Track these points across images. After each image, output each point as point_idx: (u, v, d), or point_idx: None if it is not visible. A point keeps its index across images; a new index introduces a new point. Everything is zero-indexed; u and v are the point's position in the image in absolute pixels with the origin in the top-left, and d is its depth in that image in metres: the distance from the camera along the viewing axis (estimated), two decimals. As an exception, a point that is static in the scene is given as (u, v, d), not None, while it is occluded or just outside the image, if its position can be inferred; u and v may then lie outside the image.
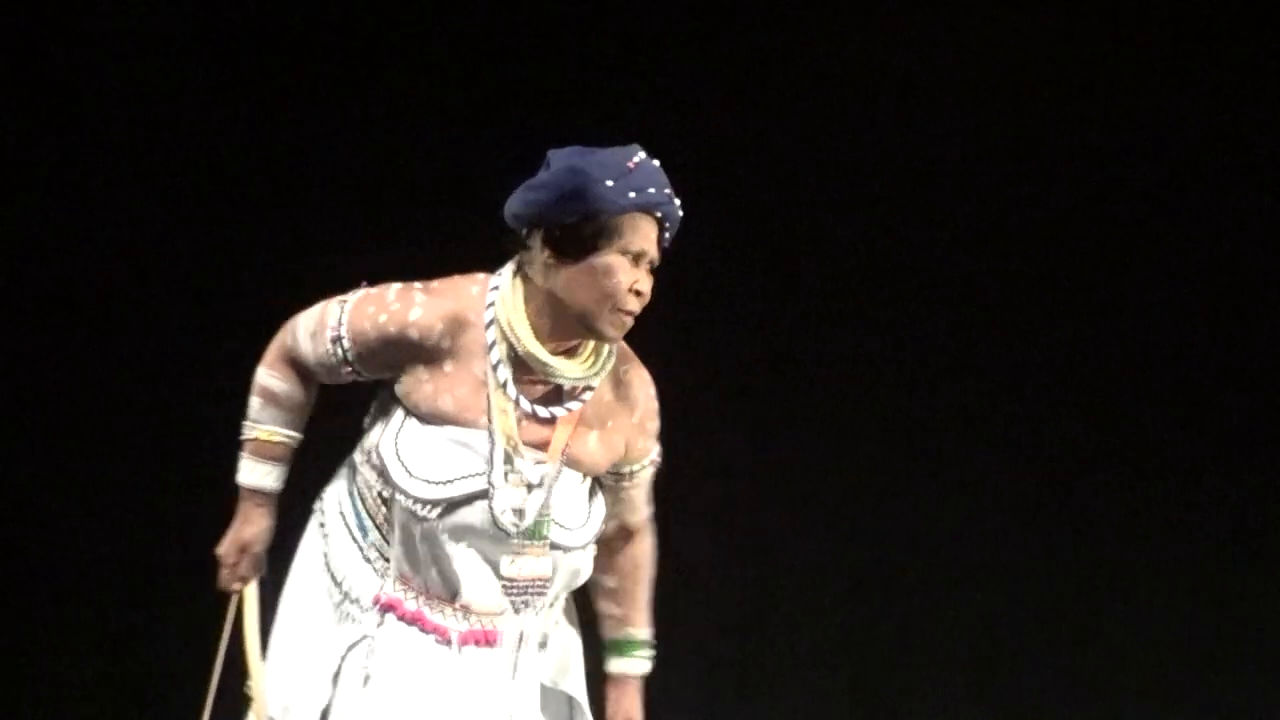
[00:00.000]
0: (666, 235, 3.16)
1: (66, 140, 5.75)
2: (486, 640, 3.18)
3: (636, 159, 3.10)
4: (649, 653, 3.42)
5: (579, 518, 3.22)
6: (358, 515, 3.22)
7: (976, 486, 5.79)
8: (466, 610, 3.17)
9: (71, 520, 5.64)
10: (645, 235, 3.11)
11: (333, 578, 3.23)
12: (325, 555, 3.24)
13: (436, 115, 5.75)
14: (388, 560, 3.19)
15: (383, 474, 3.15)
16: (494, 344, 3.12)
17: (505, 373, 3.12)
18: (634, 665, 3.42)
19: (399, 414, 3.17)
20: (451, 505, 3.12)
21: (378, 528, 3.20)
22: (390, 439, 3.15)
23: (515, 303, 3.12)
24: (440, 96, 5.79)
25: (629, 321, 3.14)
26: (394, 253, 3.65)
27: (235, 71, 5.78)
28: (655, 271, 3.16)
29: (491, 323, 3.13)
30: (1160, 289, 5.86)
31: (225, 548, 3.28)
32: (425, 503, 3.12)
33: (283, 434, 3.25)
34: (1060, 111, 5.85)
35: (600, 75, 5.67)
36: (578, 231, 3.07)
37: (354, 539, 3.22)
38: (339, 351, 3.17)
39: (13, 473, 5.68)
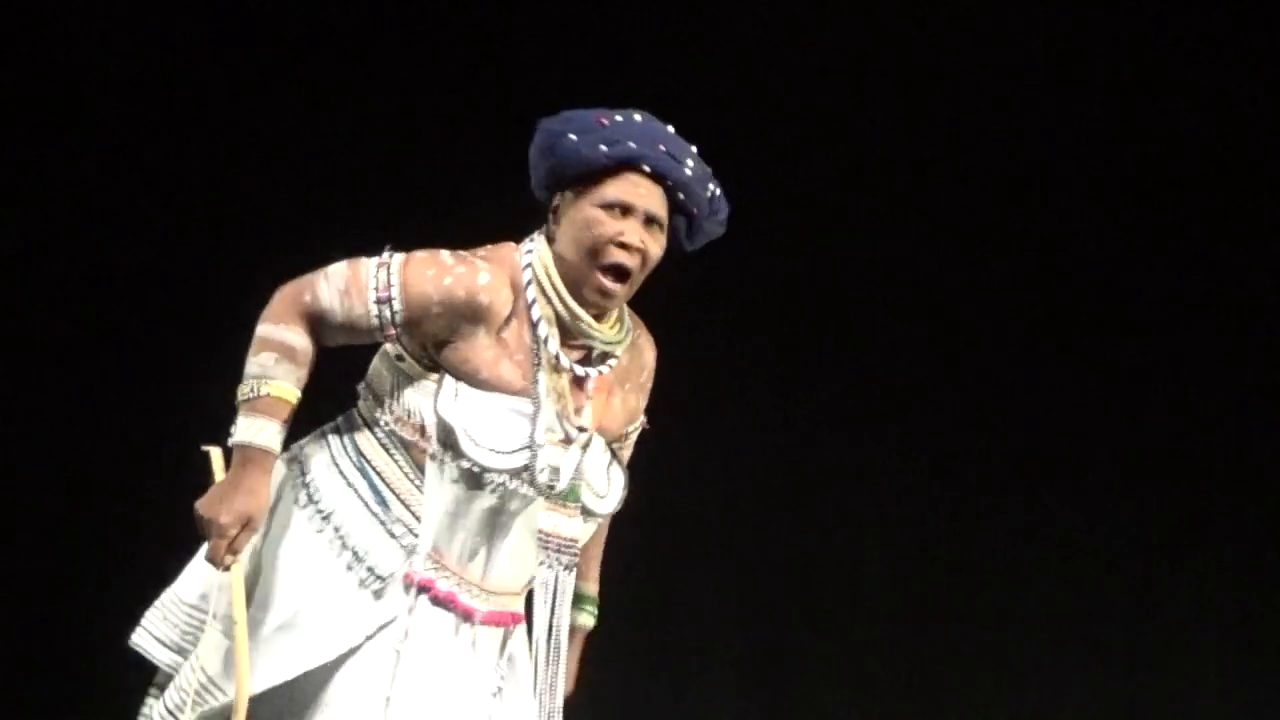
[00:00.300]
0: (684, 199, 3.16)
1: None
2: (498, 621, 3.18)
3: (618, 116, 3.13)
4: (595, 609, 3.44)
5: (605, 484, 3.21)
6: (374, 489, 3.12)
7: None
8: (489, 591, 3.15)
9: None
10: (630, 189, 3.11)
11: (355, 554, 3.09)
12: (338, 530, 3.10)
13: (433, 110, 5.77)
14: (415, 535, 3.11)
15: (446, 444, 3.07)
16: (535, 302, 3.11)
17: (546, 330, 3.12)
18: (583, 619, 3.41)
19: (447, 382, 3.10)
20: (515, 474, 3.09)
21: (401, 501, 3.12)
22: (449, 408, 3.07)
23: (549, 265, 3.12)
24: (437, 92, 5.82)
25: (616, 289, 3.13)
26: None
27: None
28: (675, 235, 3.20)
29: (530, 282, 3.12)
30: (1038, 287, 5.91)
31: (226, 516, 2.98)
32: (494, 471, 3.08)
33: (295, 392, 3.06)
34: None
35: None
36: (567, 191, 3.12)
37: (373, 513, 3.11)
38: (385, 313, 3.07)
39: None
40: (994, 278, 5.91)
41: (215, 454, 3.05)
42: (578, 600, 3.31)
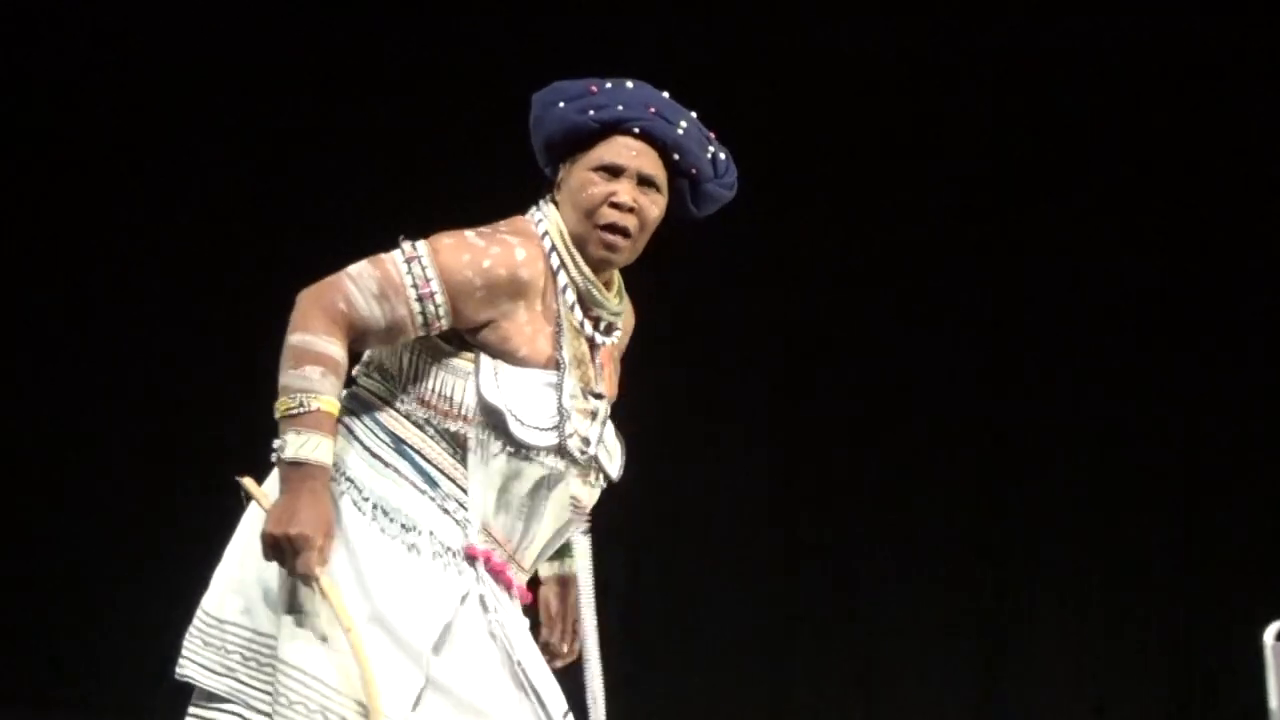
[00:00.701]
0: (679, 159, 3.16)
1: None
2: (524, 598, 3.16)
3: (608, 83, 3.15)
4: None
5: (616, 450, 3.21)
6: (418, 468, 3.06)
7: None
8: (521, 567, 3.14)
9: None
10: (621, 150, 3.12)
11: (418, 532, 3.03)
12: (391, 516, 3.02)
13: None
14: (465, 509, 3.06)
15: (490, 425, 3.03)
16: (560, 268, 3.11)
17: (572, 297, 3.13)
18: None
19: (485, 362, 3.05)
20: (553, 450, 3.07)
21: (448, 477, 3.07)
22: (491, 390, 3.03)
23: (564, 231, 3.13)
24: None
25: (618, 241, 3.13)
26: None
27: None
28: (678, 198, 3.19)
29: (552, 250, 3.12)
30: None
31: (307, 528, 2.91)
32: (538, 449, 3.06)
33: (339, 405, 2.99)
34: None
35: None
36: (566, 160, 3.14)
37: (422, 491, 3.05)
38: (430, 308, 3.00)
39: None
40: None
41: (248, 482, 2.99)
42: (569, 549, 3.29)
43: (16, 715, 5.78)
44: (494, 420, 3.03)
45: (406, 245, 3.03)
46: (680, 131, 3.14)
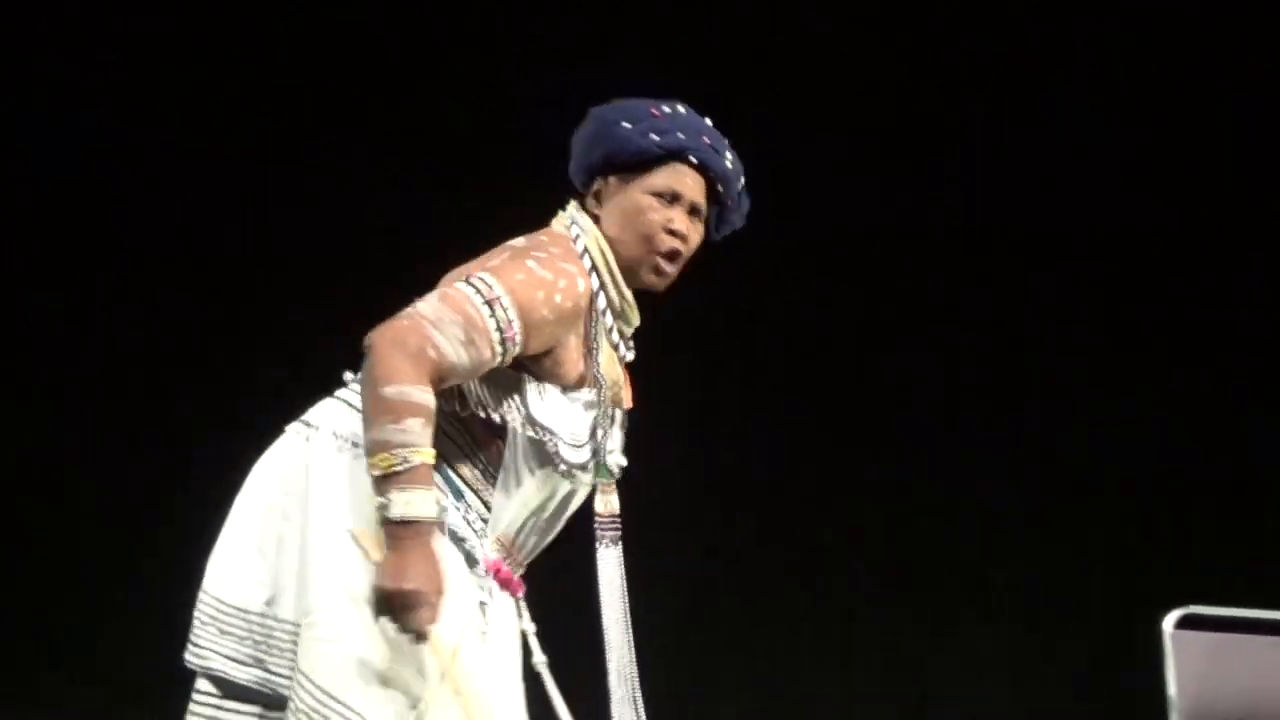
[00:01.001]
0: (721, 190, 3.22)
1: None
2: (519, 588, 3.18)
3: (666, 108, 3.19)
4: None
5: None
6: (450, 482, 3.05)
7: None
8: (520, 562, 3.16)
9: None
10: (678, 179, 3.17)
11: (467, 554, 3.05)
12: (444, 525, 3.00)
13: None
14: (485, 522, 3.07)
15: (536, 444, 3.05)
16: (601, 289, 3.14)
17: (612, 318, 3.17)
18: None
19: (530, 382, 3.06)
20: (587, 466, 3.12)
21: (473, 490, 3.07)
22: (540, 411, 3.05)
23: (606, 250, 3.16)
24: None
25: (671, 269, 3.18)
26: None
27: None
28: (705, 225, 3.23)
29: (592, 270, 3.14)
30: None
31: (424, 585, 2.87)
32: (579, 467, 3.11)
33: (434, 451, 2.93)
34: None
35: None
36: (612, 176, 3.18)
37: (454, 505, 3.05)
38: (510, 348, 2.98)
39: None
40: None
41: (362, 534, 2.94)
42: None
43: (15, 715, 5.78)
44: (539, 440, 3.06)
45: (481, 284, 2.99)
46: (728, 164, 3.21)
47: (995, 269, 6.16)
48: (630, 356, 3.23)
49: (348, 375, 3.14)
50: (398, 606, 2.86)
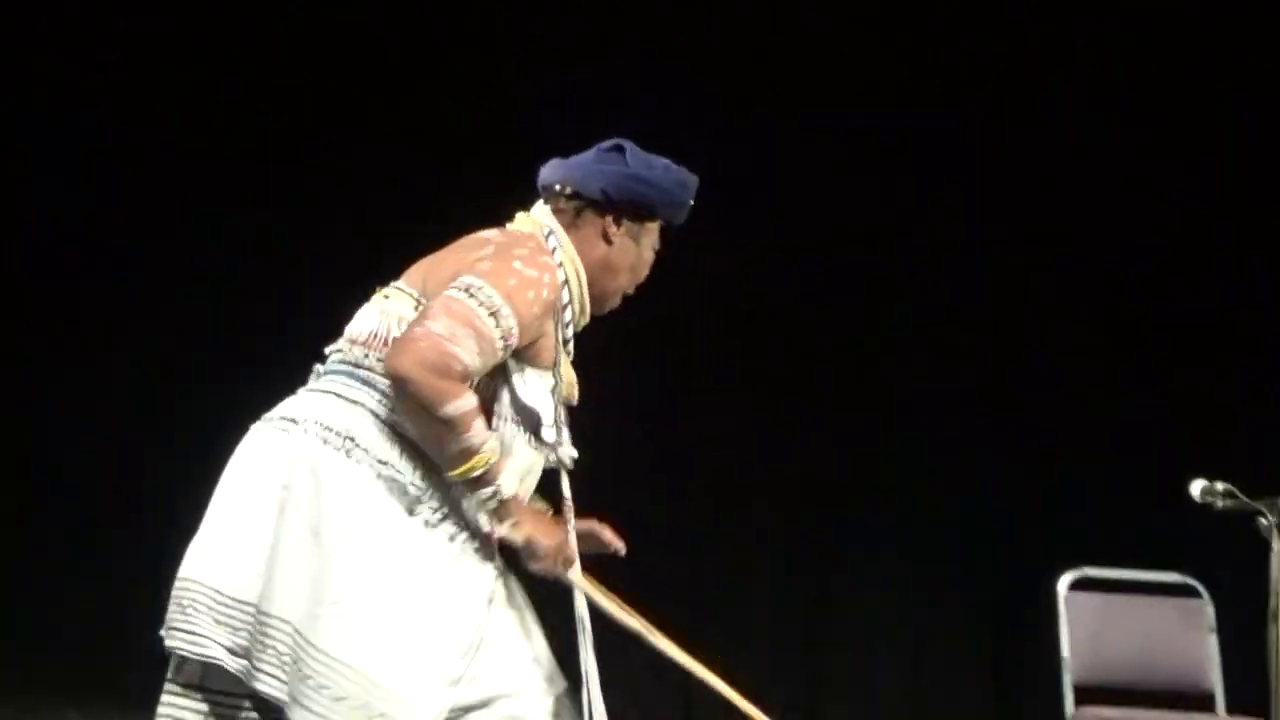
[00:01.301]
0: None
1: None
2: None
3: (687, 174, 3.44)
4: None
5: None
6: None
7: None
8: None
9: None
10: (659, 239, 3.47)
11: (456, 524, 3.24)
12: (434, 507, 3.22)
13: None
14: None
15: (525, 425, 3.29)
16: (567, 305, 3.35)
17: (572, 315, 3.37)
18: None
19: (513, 365, 3.27)
20: (555, 446, 3.35)
21: None
22: (525, 392, 3.29)
23: (579, 265, 3.37)
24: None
25: None
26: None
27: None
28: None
29: (564, 283, 3.34)
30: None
31: (559, 540, 3.31)
32: (552, 447, 3.34)
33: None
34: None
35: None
36: (626, 220, 3.39)
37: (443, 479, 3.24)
38: (509, 349, 3.24)
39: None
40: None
41: (576, 577, 3.34)
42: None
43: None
44: (527, 418, 3.29)
45: (484, 297, 3.19)
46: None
47: (995, 269, 6.17)
48: (572, 355, 3.40)
49: (319, 368, 3.30)
50: (553, 555, 3.26)
